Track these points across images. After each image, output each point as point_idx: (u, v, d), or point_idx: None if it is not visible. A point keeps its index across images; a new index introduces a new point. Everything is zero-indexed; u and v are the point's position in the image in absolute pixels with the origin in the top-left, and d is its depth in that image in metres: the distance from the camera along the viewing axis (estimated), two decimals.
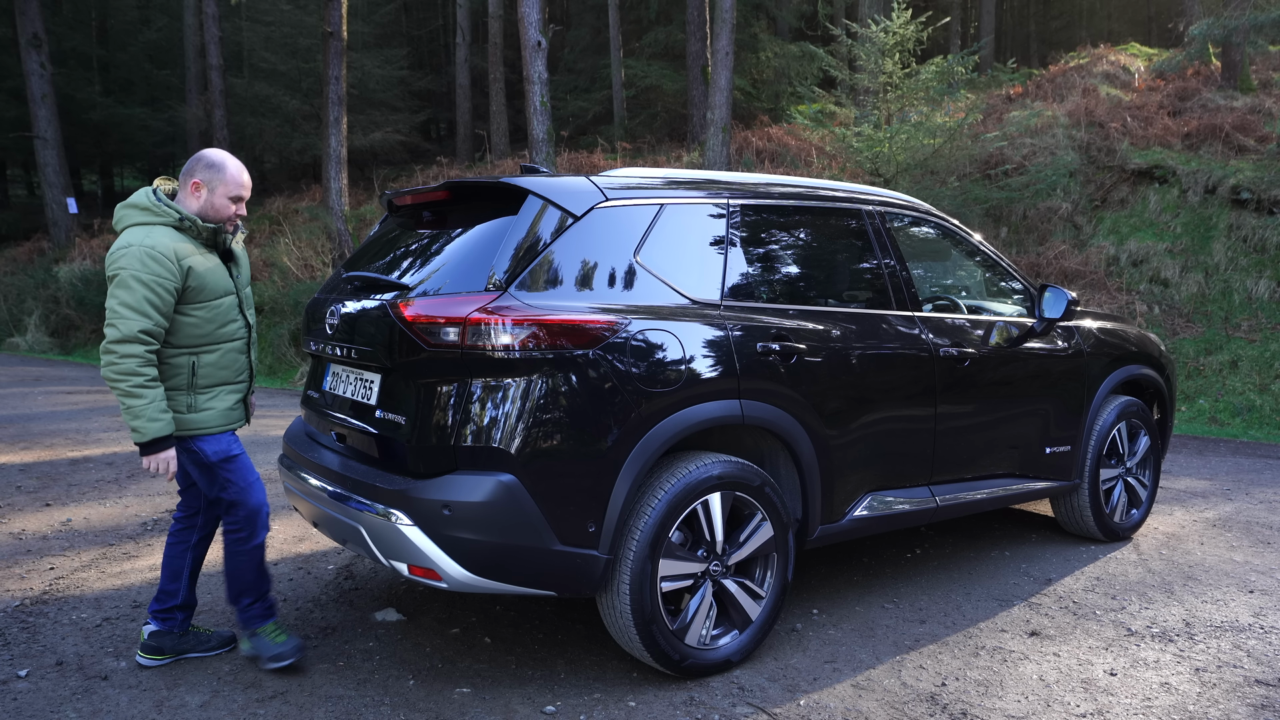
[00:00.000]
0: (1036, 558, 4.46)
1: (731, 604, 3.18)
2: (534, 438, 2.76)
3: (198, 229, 2.99)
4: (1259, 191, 10.54)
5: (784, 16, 21.39)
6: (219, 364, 3.09)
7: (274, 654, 3.16)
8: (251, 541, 3.14)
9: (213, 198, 3.03)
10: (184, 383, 3.02)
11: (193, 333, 3.01)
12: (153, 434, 2.89)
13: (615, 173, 3.31)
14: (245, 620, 3.23)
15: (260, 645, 3.19)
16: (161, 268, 2.86)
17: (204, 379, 3.06)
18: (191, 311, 2.99)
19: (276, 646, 3.18)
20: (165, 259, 2.87)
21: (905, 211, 4.05)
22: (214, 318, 3.05)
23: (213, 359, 3.07)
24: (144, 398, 2.86)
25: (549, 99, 12.15)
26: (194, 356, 3.03)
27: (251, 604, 3.21)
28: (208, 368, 3.07)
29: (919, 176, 10.87)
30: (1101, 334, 4.57)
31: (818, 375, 3.32)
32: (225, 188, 3.04)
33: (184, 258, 2.92)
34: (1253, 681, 3.14)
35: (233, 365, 3.14)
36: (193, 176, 3.02)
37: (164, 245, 2.89)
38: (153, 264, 2.85)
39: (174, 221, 2.96)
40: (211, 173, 3.02)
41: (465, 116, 21.91)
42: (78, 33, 24.84)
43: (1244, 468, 6.66)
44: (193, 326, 3.00)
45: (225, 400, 3.13)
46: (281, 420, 8.41)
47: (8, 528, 4.88)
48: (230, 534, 3.15)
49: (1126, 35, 22.22)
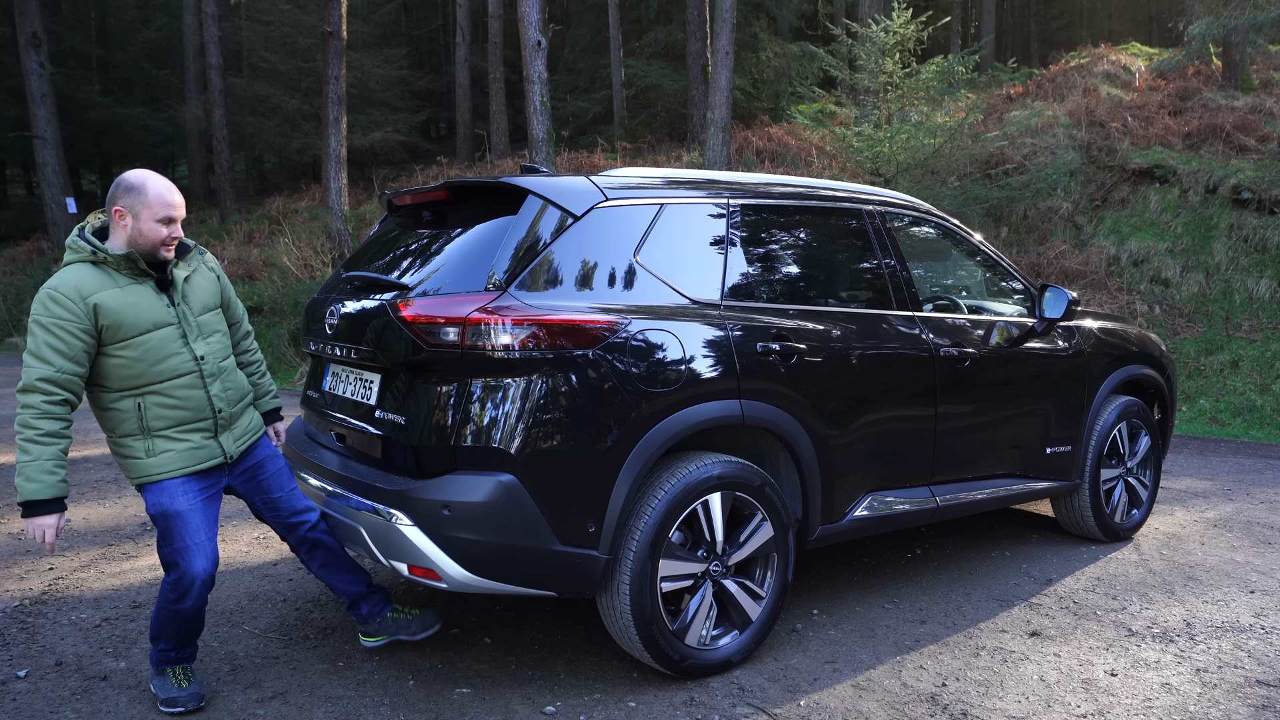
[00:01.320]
0: (1037, 558, 4.46)
1: (732, 604, 3.18)
2: (534, 438, 2.75)
3: (115, 261, 2.71)
4: (1260, 191, 10.54)
5: (784, 16, 21.38)
6: (168, 404, 2.79)
7: (168, 697, 2.91)
8: (180, 605, 2.84)
9: (139, 224, 2.73)
10: (135, 427, 2.79)
11: (123, 374, 2.74)
12: (28, 495, 2.62)
13: (615, 172, 3.30)
14: (154, 658, 2.99)
15: (161, 685, 2.96)
16: (62, 309, 2.63)
17: (156, 421, 2.79)
18: (115, 352, 2.72)
19: (174, 690, 2.93)
20: (66, 299, 2.63)
21: (905, 211, 4.05)
22: (143, 356, 2.74)
23: (158, 399, 2.78)
24: (29, 453, 2.62)
25: (549, 99, 12.14)
26: (138, 398, 2.78)
27: (165, 650, 2.97)
28: (156, 409, 2.79)
29: (919, 176, 10.86)
30: (1102, 334, 4.57)
31: (818, 375, 3.32)
32: (150, 210, 2.73)
33: (89, 295, 2.66)
34: (1253, 682, 3.14)
35: (188, 403, 2.82)
36: (115, 205, 2.74)
37: (67, 285, 2.65)
38: (53, 305, 2.63)
39: (88, 256, 2.71)
40: (132, 197, 2.73)
41: (465, 116, 21.90)
42: (77, 32, 24.83)
43: (1245, 468, 6.66)
44: (122, 367, 2.73)
45: (187, 440, 2.84)
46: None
47: (7, 528, 4.88)
48: (163, 589, 2.88)
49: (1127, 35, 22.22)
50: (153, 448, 2.81)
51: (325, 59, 13.15)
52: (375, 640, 3.29)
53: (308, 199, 18.91)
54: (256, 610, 3.76)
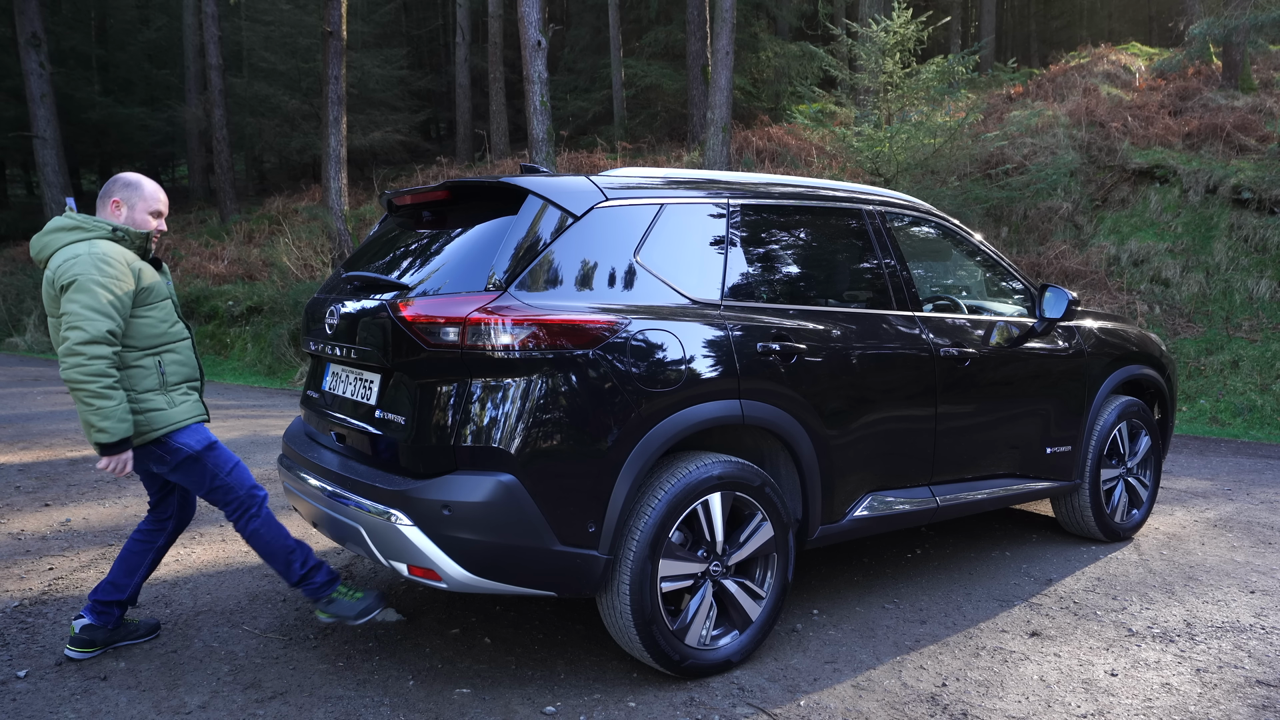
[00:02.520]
0: (1037, 558, 4.46)
1: (732, 604, 3.18)
2: (534, 438, 2.75)
3: (130, 238, 3.13)
4: (1260, 191, 10.54)
5: (784, 16, 21.38)
6: (180, 361, 3.23)
7: (361, 609, 3.25)
8: (259, 518, 3.24)
9: (133, 213, 3.17)
10: (156, 382, 3.13)
11: (150, 333, 3.12)
12: (121, 434, 2.97)
13: (615, 172, 3.30)
14: (314, 592, 3.28)
15: (341, 608, 3.26)
16: (115, 269, 2.99)
17: (172, 376, 3.19)
18: (145, 313, 3.12)
19: (358, 603, 3.26)
20: (117, 261, 3.00)
21: (905, 211, 4.04)
22: (164, 318, 3.18)
23: (174, 357, 3.21)
24: (113, 398, 2.93)
25: (549, 99, 12.14)
26: (157, 356, 3.15)
27: (307, 572, 3.26)
28: (173, 366, 3.19)
29: (919, 176, 10.86)
30: (1102, 334, 4.57)
31: (818, 375, 3.32)
32: (145, 203, 3.19)
33: (131, 261, 3.08)
34: (1254, 682, 3.14)
35: (190, 362, 3.28)
36: (111, 196, 3.17)
37: (114, 251, 3.02)
38: (107, 268, 2.97)
39: (108, 234, 3.08)
40: (129, 191, 3.18)
41: (465, 116, 21.90)
42: (77, 32, 24.84)
43: (1245, 468, 6.66)
44: (149, 326, 3.12)
45: (191, 396, 3.26)
46: (281, 420, 8.40)
47: (7, 528, 4.88)
48: (239, 517, 3.24)
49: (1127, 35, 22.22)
50: (173, 400, 3.17)
51: (325, 59, 13.15)
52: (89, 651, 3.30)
53: (308, 199, 18.91)
54: (256, 610, 3.76)
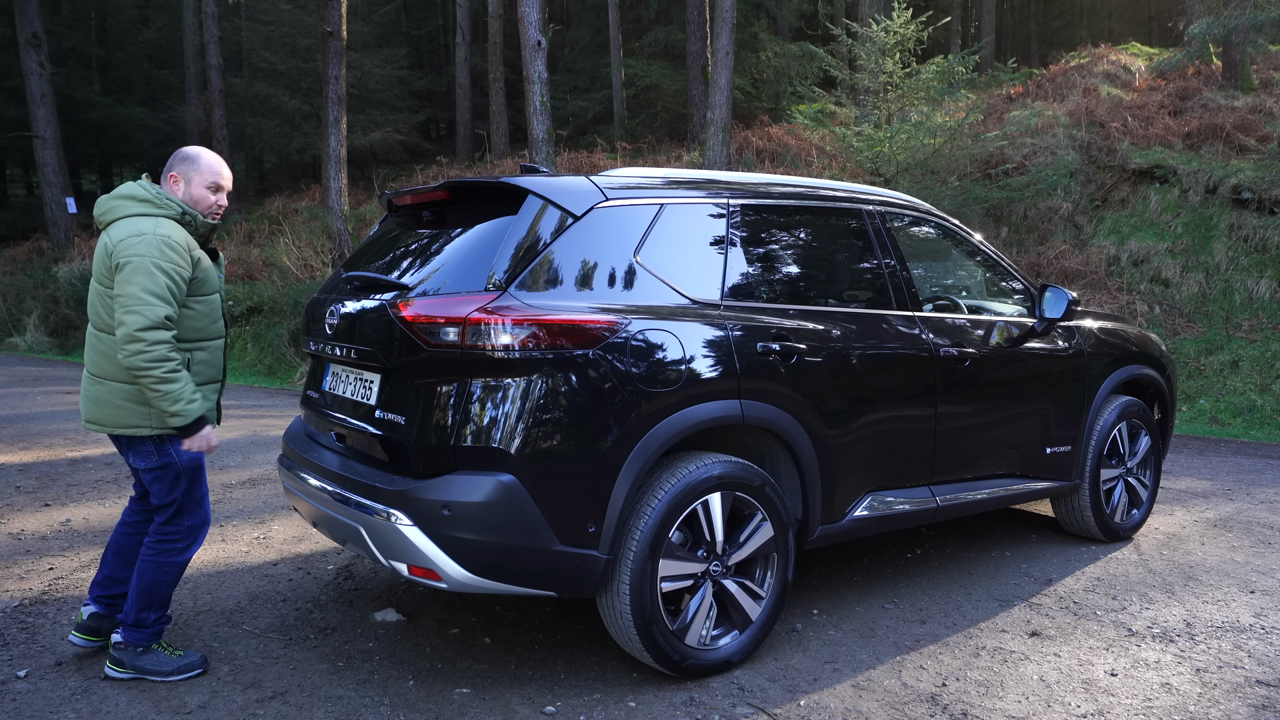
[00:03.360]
0: (1037, 558, 4.46)
1: (731, 604, 3.18)
2: (534, 438, 2.75)
3: (197, 224, 3.04)
4: (1260, 191, 10.53)
5: (784, 16, 21.38)
6: (209, 361, 3.13)
7: (179, 666, 3.09)
8: (188, 553, 3.12)
9: (190, 188, 3.06)
10: None
11: (191, 326, 3.02)
12: (195, 413, 2.93)
13: (615, 172, 3.30)
14: (143, 639, 3.08)
15: (158, 661, 3.08)
16: (179, 256, 2.90)
17: (197, 376, 3.08)
18: (193, 305, 3.01)
19: (179, 659, 3.11)
20: (180, 248, 2.91)
21: (905, 211, 4.04)
22: (209, 312, 3.09)
23: (204, 356, 3.10)
24: (179, 380, 2.88)
25: (549, 99, 12.14)
26: (189, 353, 3.04)
27: (157, 620, 3.10)
28: (200, 365, 3.08)
29: (919, 176, 10.86)
30: (1102, 334, 4.57)
31: (818, 375, 3.32)
32: (201, 176, 3.06)
33: (192, 248, 2.98)
34: (1254, 682, 3.14)
35: (216, 364, 3.17)
36: (170, 170, 3.07)
37: (178, 235, 2.93)
38: (170, 253, 2.88)
39: (177, 215, 2.98)
40: (187, 165, 3.06)
41: (465, 116, 21.90)
42: (77, 32, 24.82)
43: (1245, 468, 6.66)
44: (192, 319, 3.02)
45: (210, 399, 3.15)
46: (281, 420, 8.40)
47: (7, 528, 4.88)
48: (165, 542, 3.07)
49: (1127, 35, 22.21)
50: None
51: (325, 59, 13.15)
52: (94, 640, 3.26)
53: (308, 199, 18.90)
54: (256, 610, 3.76)
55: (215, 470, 6.25)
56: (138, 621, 3.08)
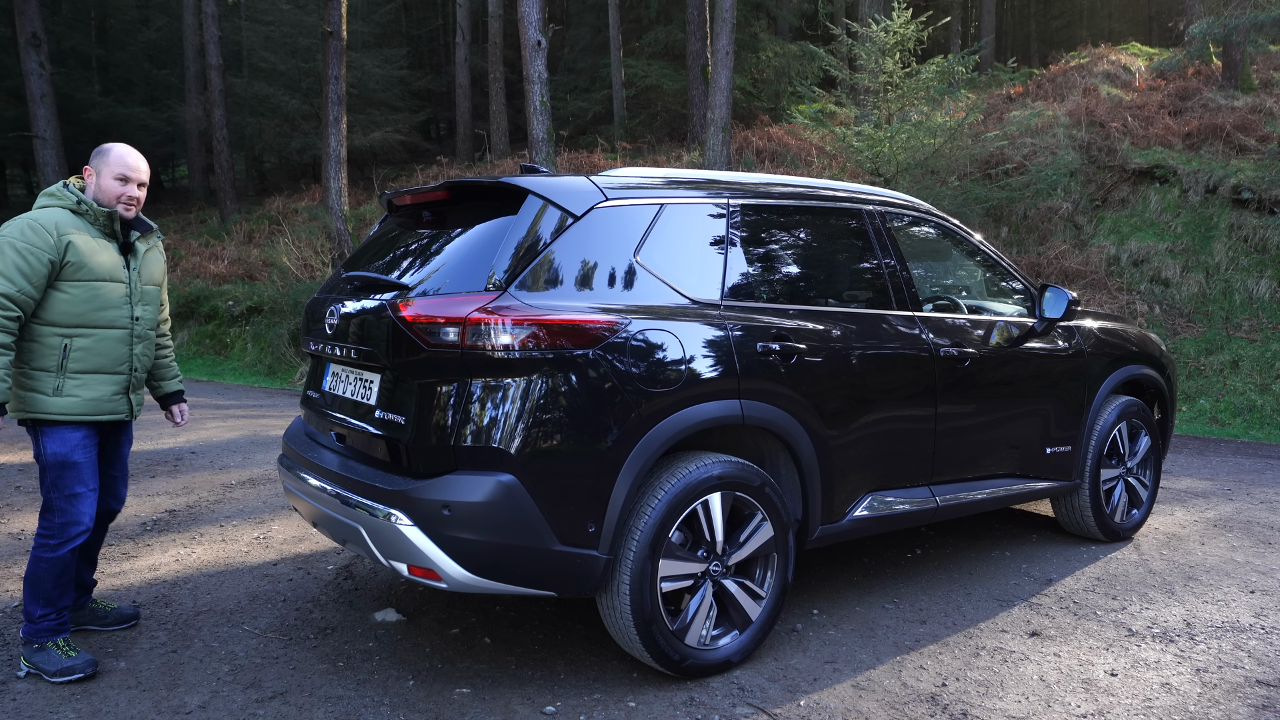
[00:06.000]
0: (1037, 558, 4.46)
1: (731, 604, 3.18)
2: (534, 438, 2.75)
3: (94, 213, 3.13)
4: (1260, 191, 10.54)
5: (784, 16, 21.38)
6: (94, 350, 3.12)
7: (63, 667, 3.07)
8: (60, 550, 3.08)
9: (99, 180, 3.18)
10: (54, 364, 3.06)
11: (66, 310, 3.06)
12: None
13: (615, 173, 3.30)
14: (33, 633, 3.12)
15: (48, 659, 3.09)
16: (37, 237, 2.98)
17: (76, 363, 3.09)
18: (66, 288, 3.05)
19: (66, 660, 3.09)
20: (43, 230, 3.00)
21: (905, 211, 4.04)
22: (91, 298, 3.09)
23: (86, 343, 3.11)
24: None
25: (549, 99, 12.14)
26: (67, 338, 3.08)
27: (46, 617, 3.12)
28: (81, 351, 3.09)
29: (919, 176, 10.86)
30: (1102, 334, 4.57)
31: (818, 375, 3.32)
32: (109, 169, 3.17)
33: (65, 233, 3.04)
34: (1254, 682, 3.14)
35: (110, 354, 3.16)
36: (86, 166, 3.22)
37: (47, 218, 3.04)
38: (30, 232, 2.99)
39: (71, 205, 3.12)
40: (98, 159, 3.20)
41: (465, 116, 21.90)
42: (77, 32, 24.83)
43: (1245, 468, 6.66)
44: (66, 304, 3.06)
45: (96, 389, 3.14)
46: (281, 420, 8.40)
47: (7, 528, 4.88)
48: (39, 536, 3.10)
49: (1127, 35, 22.22)
50: (61, 387, 3.08)
51: (325, 59, 13.15)
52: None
53: (308, 199, 18.91)
54: (256, 610, 3.76)
55: (215, 470, 6.25)
56: (27, 616, 3.14)
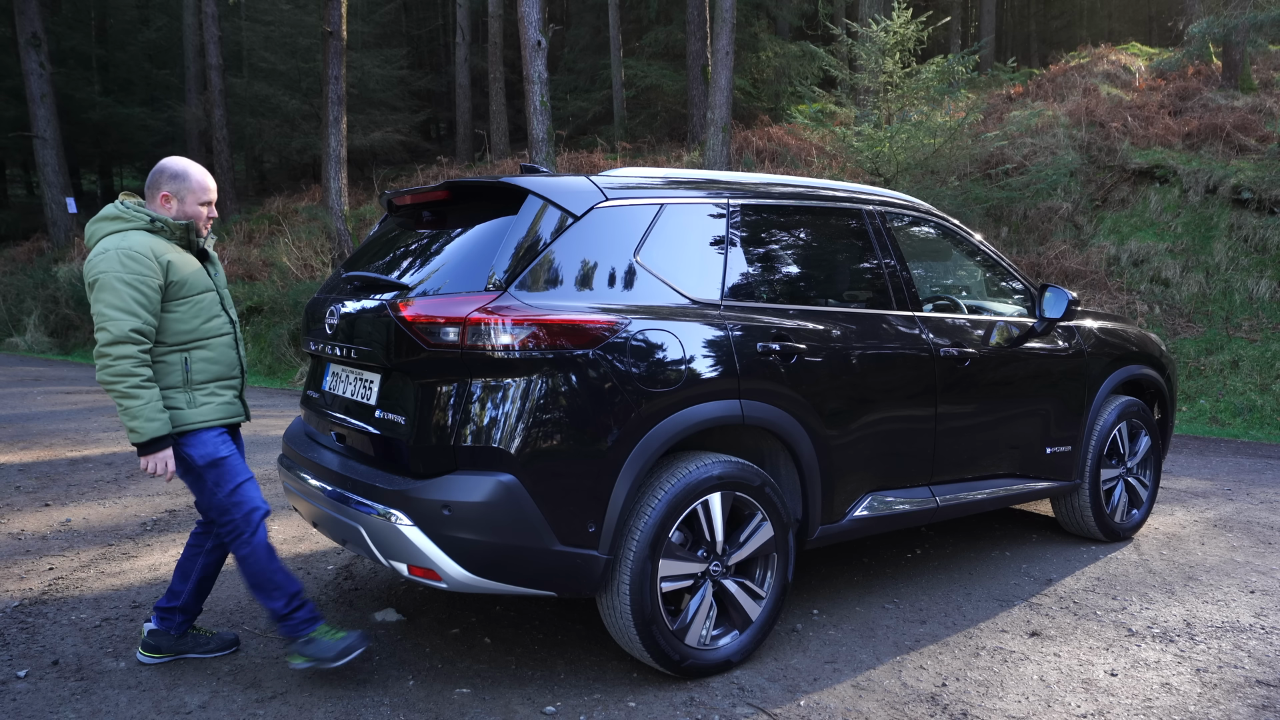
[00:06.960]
0: (1037, 558, 4.46)
1: (732, 604, 3.18)
2: (534, 438, 2.75)
3: (170, 229, 3.06)
4: (1260, 191, 10.54)
5: (784, 16, 21.38)
6: (212, 359, 3.12)
7: (340, 649, 3.01)
8: (256, 537, 3.07)
9: (184, 206, 3.10)
10: (180, 380, 3.05)
11: (179, 329, 3.04)
12: (150, 434, 2.90)
13: (615, 172, 3.30)
14: (291, 629, 3.07)
15: (320, 648, 3.04)
16: (141, 266, 2.91)
17: (199, 375, 3.09)
18: (175, 308, 3.03)
19: (340, 642, 3.04)
20: (143, 257, 2.93)
21: (905, 211, 4.04)
22: (199, 313, 3.09)
23: (204, 354, 3.11)
24: (140, 398, 2.88)
25: (549, 99, 12.14)
26: (185, 353, 3.06)
27: (289, 610, 3.06)
28: (200, 363, 3.09)
29: (919, 176, 10.86)
30: (1102, 334, 4.57)
31: (818, 375, 3.32)
32: (194, 195, 3.11)
33: (161, 254, 2.98)
34: (1254, 682, 3.14)
35: (225, 360, 3.17)
36: (160, 190, 3.08)
37: (140, 244, 2.95)
38: (132, 263, 2.90)
39: (145, 225, 3.02)
40: (178, 183, 3.09)
41: (465, 116, 21.90)
42: (77, 32, 24.83)
43: (1245, 468, 6.66)
44: (179, 322, 3.04)
45: (222, 395, 3.15)
46: (281, 420, 8.40)
47: (7, 528, 4.88)
48: (235, 540, 3.07)
49: (1127, 34, 22.21)
50: (194, 400, 3.07)
51: (325, 59, 13.15)
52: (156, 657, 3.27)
53: (308, 199, 18.90)
54: (257, 610, 3.76)
55: None
56: (274, 616, 3.10)
